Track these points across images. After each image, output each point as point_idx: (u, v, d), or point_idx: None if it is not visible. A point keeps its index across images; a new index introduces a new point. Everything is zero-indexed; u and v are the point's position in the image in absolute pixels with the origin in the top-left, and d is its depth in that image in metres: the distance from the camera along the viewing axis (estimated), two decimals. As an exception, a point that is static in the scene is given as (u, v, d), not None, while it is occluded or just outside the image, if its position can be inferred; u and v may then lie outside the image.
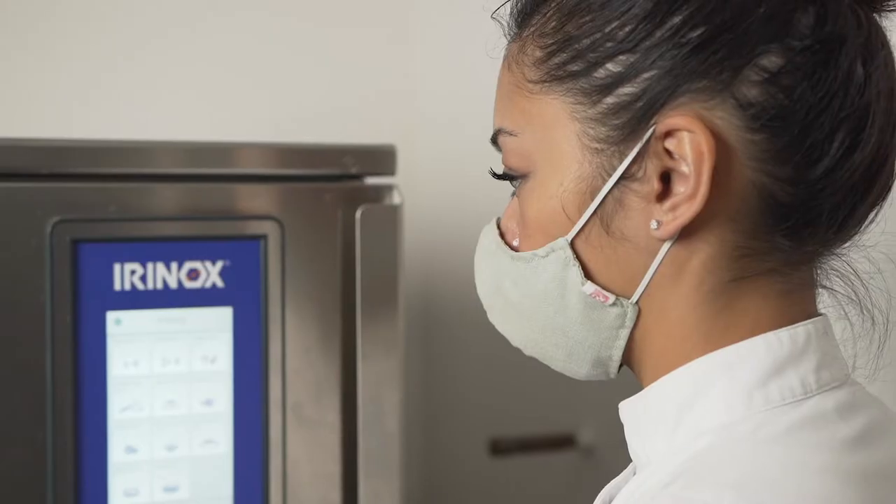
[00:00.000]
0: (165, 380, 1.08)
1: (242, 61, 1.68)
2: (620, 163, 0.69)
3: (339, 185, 1.16)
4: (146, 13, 1.61)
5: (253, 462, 1.13)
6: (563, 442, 1.73)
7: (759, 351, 0.69)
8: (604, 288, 0.71)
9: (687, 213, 0.67)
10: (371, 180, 1.19)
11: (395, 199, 1.17)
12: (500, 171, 0.77)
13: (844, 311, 0.77)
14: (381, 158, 1.18)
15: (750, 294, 0.70)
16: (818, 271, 0.74)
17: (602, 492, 0.82)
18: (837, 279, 0.75)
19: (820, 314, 0.73)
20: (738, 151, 0.67)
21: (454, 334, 1.78)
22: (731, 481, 0.63)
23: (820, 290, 0.74)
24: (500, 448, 1.74)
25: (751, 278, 0.70)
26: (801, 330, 0.70)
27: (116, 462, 1.09)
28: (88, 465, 1.07)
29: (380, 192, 1.17)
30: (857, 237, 0.73)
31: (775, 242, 0.69)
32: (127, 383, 1.09)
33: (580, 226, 0.71)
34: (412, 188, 1.76)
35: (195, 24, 1.65)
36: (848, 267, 0.74)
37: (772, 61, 0.67)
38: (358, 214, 1.14)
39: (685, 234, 0.69)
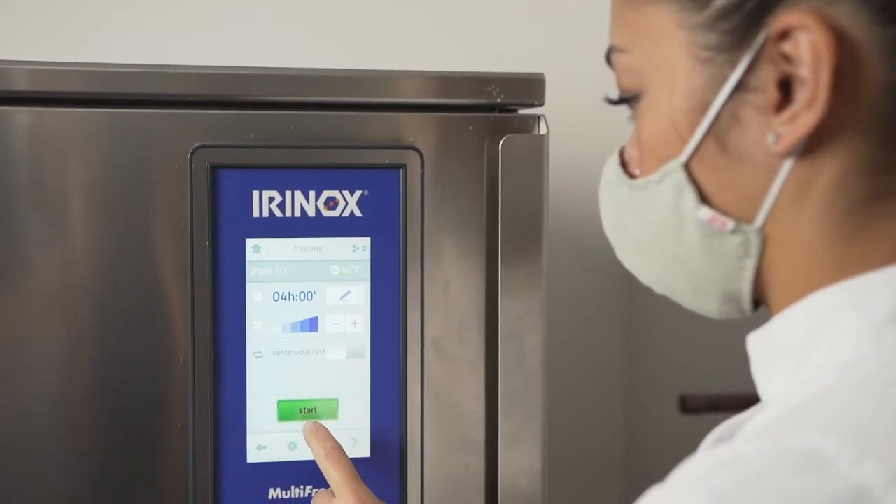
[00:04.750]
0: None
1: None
2: (732, 72, 0.62)
3: (483, 116, 1.12)
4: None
5: (390, 394, 1.12)
6: (758, 402, 1.64)
7: None
8: (722, 213, 0.65)
9: (808, 122, 0.60)
10: (521, 111, 1.15)
11: (542, 128, 1.12)
12: (615, 96, 0.72)
13: None
14: (529, 88, 1.13)
15: (889, 216, 0.62)
16: None
17: (721, 426, 0.75)
18: None
19: None
20: (867, 50, 0.59)
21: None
22: (839, 425, 0.55)
23: None
24: (688, 406, 1.67)
25: (890, 197, 0.61)
26: None
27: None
28: (227, 388, 1.09)
29: (526, 123, 1.12)
30: None
31: None
32: (265, 310, 1.10)
33: (694, 145, 0.65)
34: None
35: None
36: None
37: None
38: (501, 144, 1.10)
39: (810, 148, 0.61)
